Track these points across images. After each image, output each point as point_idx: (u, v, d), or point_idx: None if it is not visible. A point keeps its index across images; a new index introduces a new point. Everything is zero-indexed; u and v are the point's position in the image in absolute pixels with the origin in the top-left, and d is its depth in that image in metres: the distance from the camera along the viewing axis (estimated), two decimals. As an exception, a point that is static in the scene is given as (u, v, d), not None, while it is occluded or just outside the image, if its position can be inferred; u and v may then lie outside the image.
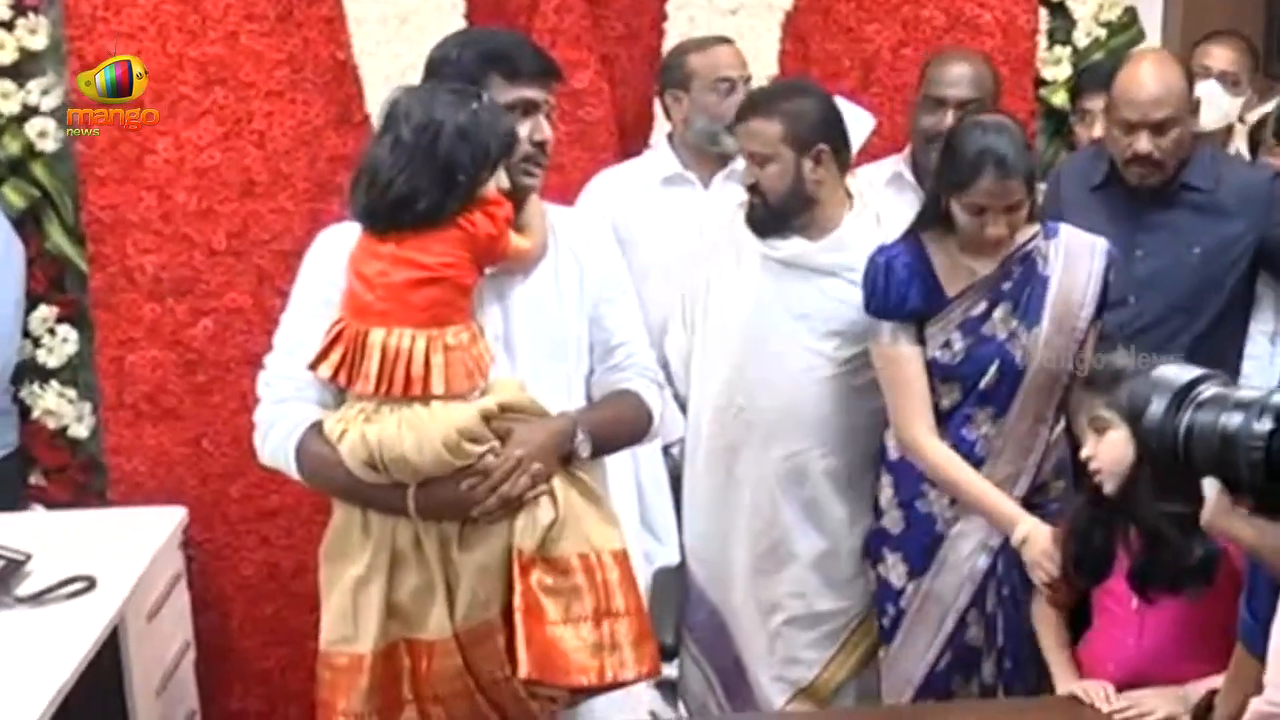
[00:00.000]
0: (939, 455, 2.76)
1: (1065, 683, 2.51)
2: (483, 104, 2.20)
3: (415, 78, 2.89)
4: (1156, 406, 1.38)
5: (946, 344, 2.74)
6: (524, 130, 2.28)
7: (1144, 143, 2.92)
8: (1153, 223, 3.03)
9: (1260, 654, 1.92)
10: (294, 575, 3.48)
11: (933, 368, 2.76)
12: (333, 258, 2.26)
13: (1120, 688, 2.43)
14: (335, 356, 2.18)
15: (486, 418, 2.17)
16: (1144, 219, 3.03)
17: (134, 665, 2.83)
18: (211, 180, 3.34)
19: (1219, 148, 3.32)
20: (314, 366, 2.20)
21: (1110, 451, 2.39)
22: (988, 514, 2.75)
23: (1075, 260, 2.72)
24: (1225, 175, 2.88)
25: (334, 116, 3.36)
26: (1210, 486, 1.31)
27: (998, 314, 2.71)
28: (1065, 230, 2.76)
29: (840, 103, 3.04)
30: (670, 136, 3.34)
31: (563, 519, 2.20)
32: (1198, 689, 2.33)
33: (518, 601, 2.16)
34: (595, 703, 2.34)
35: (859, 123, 3.12)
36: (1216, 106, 3.42)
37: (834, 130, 2.85)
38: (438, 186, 2.15)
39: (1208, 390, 1.35)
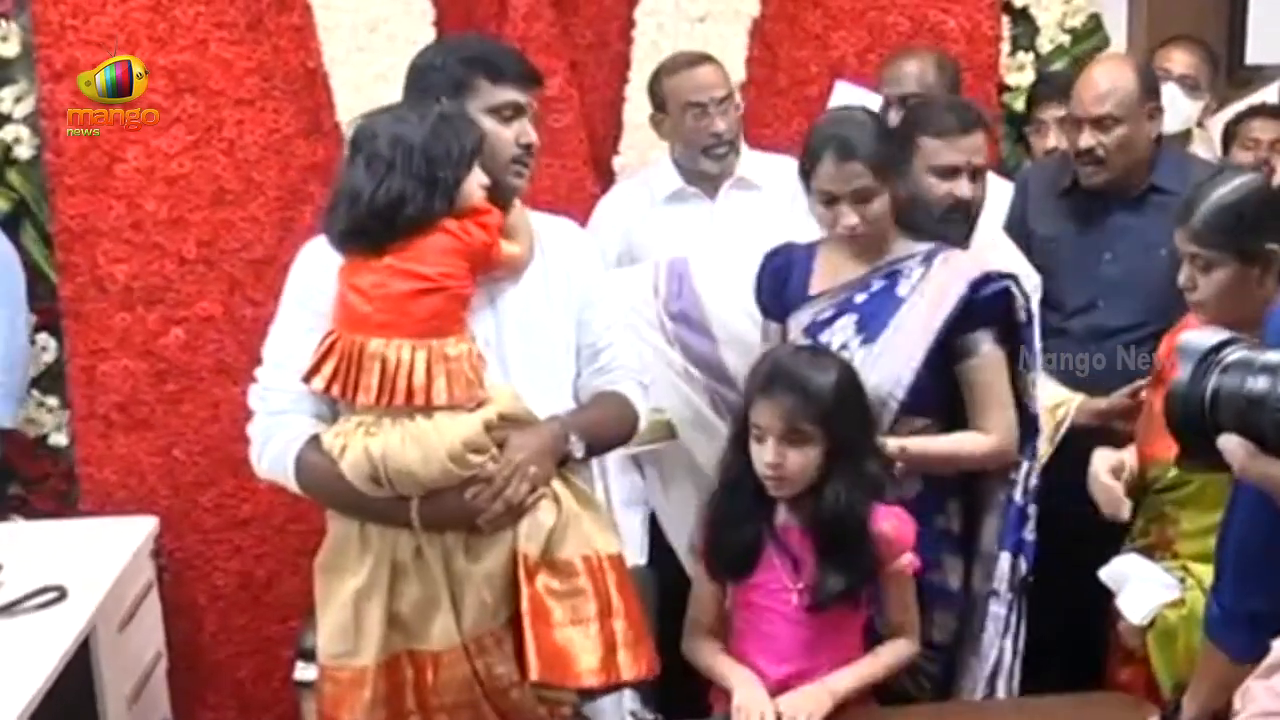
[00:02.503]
0: None
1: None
2: (444, 106, 2.24)
3: (385, 86, 2.95)
4: (1183, 373, 1.36)
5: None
6: (511, 133, 2.31)
7: (1086, 137, 2.97)
8: (1120, 226, 3.04)
9: (1230, 647, 1.91)
10: (267, 585, 3.48)
11: None
12: (321, 267, 2.26)
13: (781, 683, 2.38)
14: (329, 369, 2.18)
15: (488, 427, 2.19)
16: (1111, 222, 3.05)
17: (105, 676, 2.81)
18: (182, 189, 3.33)
19: (1182, 150, 3.34)
20: (308, 379, 2.20)
21: (803, 464, 2.32)
22: None
23: (942, 289, 2.55)
24: (1191, 177, 2.88)
25: (304, 125, 3.35)
26: (1229, 439, 1.32)
27: (840, 323, 2.62)
28: (949, 256, 2.60)
29: (845, 87, 3.04)
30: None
31: (564, 522, 2.22)
32: (838, 680, 2.35)
33: (525, 606, 2.18)
34: (590, 706, 2.38)
35: (868, 103, 3.10)
36: (1176, 110, 3.46)
37: None
38: (422, 189, 2.16)
39: (1233, 354, 1.35)
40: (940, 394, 2.56)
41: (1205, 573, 2.27)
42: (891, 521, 2.38)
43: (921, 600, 2.50)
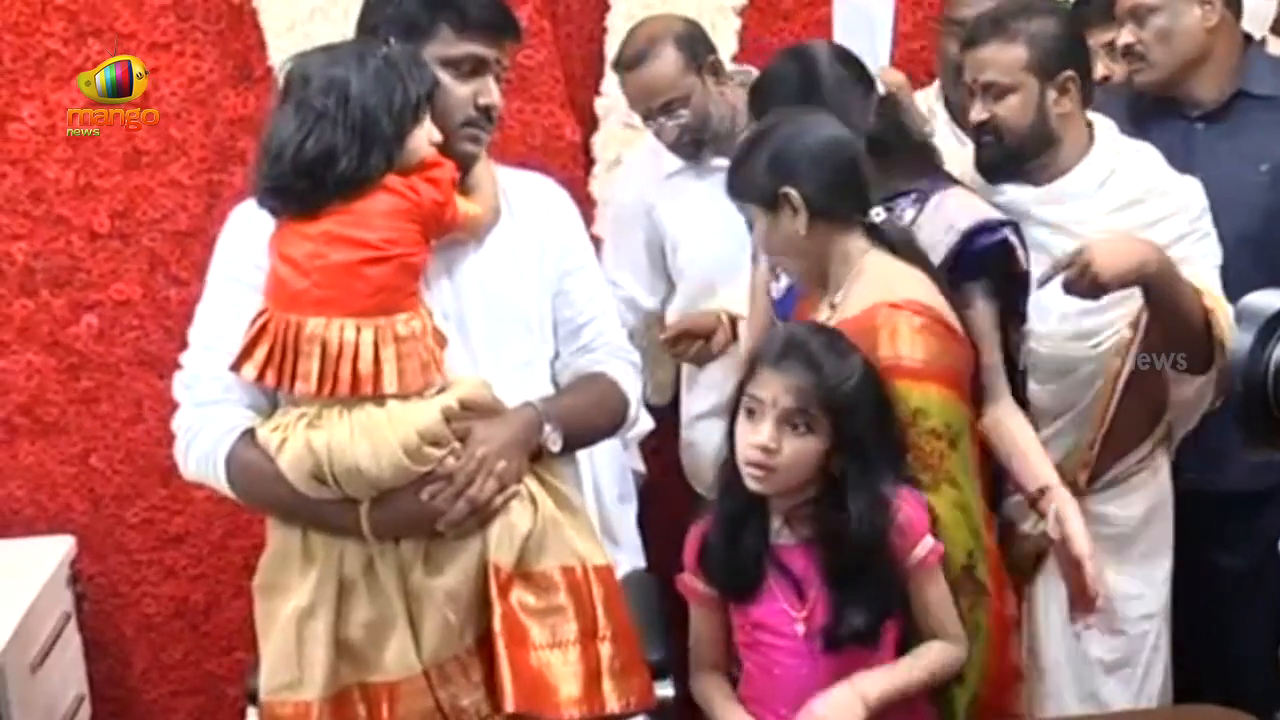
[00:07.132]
0: None
1: None
2: (391, 48, 2.17)
3: (324, 23, 2.99)
4: (1243, 338, 1.35)
5: (778, 278, 2.68)
6: (468, 90, 2.23)
7: (1125, 34, 2.90)
8: (1207, 142, 2.91)
9: None
10: (205, 611, 3.41)
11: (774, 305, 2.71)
12: (254, 234, 2.17)
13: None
14: (260, 354, 2.10)
15: (448, 417, 2.11)
16: (1197, 139, 2.92)
17: (17, 724, 2.80)
18: (89, 151, 3.24)
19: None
20: (237, 367, 2.12)
21: (797, 456, 2.16)
22: None
23: (933, 236, 2.50)
24: None
25: (231, 72, 3.26)
26: None
27: None
28: (943, 199, 2.54)
29: None
30: None
31: (542, 527, 2.16)
32: (871, 682, 2.18)
33: (498, 625, 2.11)
34: None
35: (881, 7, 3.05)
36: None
37: (1081, 54, 2.69)
38: (357, 142, 2.08)
39: None
40: None
41: None
42: (901, 507, 2.22)
43: None
